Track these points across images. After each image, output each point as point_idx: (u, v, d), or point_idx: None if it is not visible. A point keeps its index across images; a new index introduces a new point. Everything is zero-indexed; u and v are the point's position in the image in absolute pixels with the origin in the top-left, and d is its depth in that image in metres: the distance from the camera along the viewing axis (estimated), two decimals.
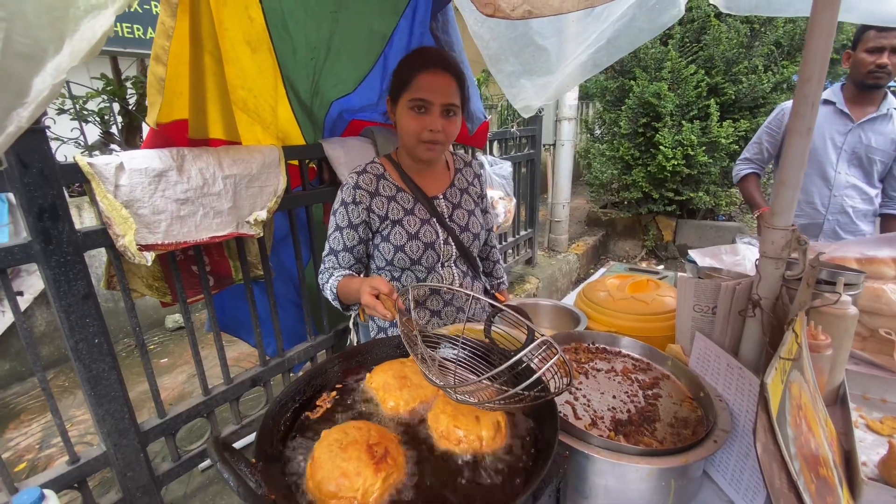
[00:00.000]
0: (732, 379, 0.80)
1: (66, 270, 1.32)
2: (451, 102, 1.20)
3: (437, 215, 1.34)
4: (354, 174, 1.33)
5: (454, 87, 1.20)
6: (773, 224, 0.80)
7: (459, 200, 1.41)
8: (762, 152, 2.21)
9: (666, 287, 1.34)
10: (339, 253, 1.32)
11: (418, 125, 1.19)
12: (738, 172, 2.31)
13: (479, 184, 1.49)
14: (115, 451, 1.50)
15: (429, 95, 1.17)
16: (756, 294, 0.79)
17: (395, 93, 1.23)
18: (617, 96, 5.15)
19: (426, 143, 1.21)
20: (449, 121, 1.22)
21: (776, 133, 2.14)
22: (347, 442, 0.60)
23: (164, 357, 3.02)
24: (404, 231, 1.30)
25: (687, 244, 5.40)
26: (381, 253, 1.33)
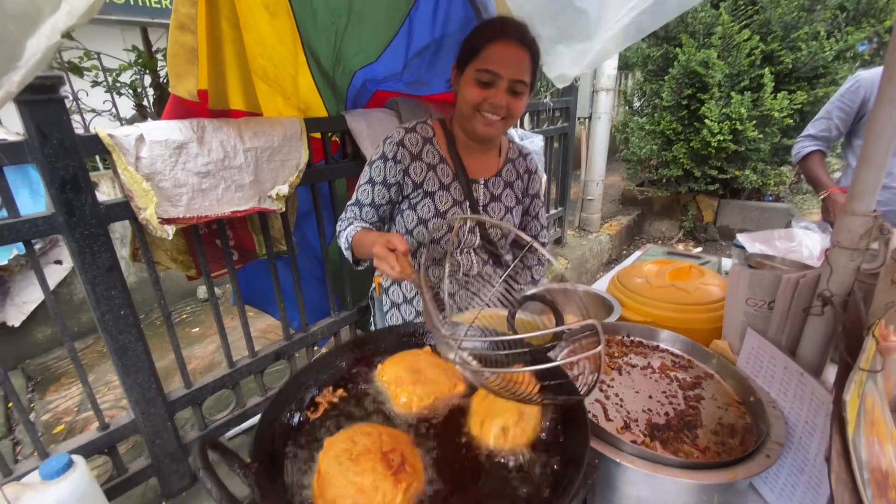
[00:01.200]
0: (790, 384, 0.71)
1: (90, 242, 1.32)
2: (521, 79, 1.10)
3: (472, 200, 1.26)
4: (402, 129, 1.26)
5: (527, 62, 1.11)
6: (852, 209, 0.69)
7: (500, 193, 1.32)
8: (830, 129, 1.97)
9: (710, 274, 1.22)
10: (364, 206, 1.27)
11: (480, 97, 1.11)
12: (801, 150, 2.07)
13: (530, 182, 1.38)
14: (144, 420, 1.54)
15: (497, 67, 1.08)
16: (827, 289, 0.68)
17: (463, 61, 1.15)
18: (660, 65, 4.82)
19: (484, 115, 1.13)
20: (515, 98, 1.13)
21: (849, 108, 1.90)
22: (358, 452, 0.53)
23: (196, 327, 3.11)
24: (433, 206, 1.24)
25: (729, 226, 5.11)
26: (403, 220, 1.28)
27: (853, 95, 1.89)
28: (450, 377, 0.71)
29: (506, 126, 1.18)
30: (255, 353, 1.84)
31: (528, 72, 1.12)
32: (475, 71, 1.10)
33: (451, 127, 1.28)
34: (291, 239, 1.85)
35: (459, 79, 1.16)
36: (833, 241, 0.72)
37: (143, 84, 3.55)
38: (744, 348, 0.81)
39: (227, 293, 3.49)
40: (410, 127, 1.26)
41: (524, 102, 1.16)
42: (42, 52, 0.66)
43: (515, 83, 1.10)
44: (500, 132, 1.21)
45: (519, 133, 3.07)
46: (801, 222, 1.53)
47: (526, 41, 1.11)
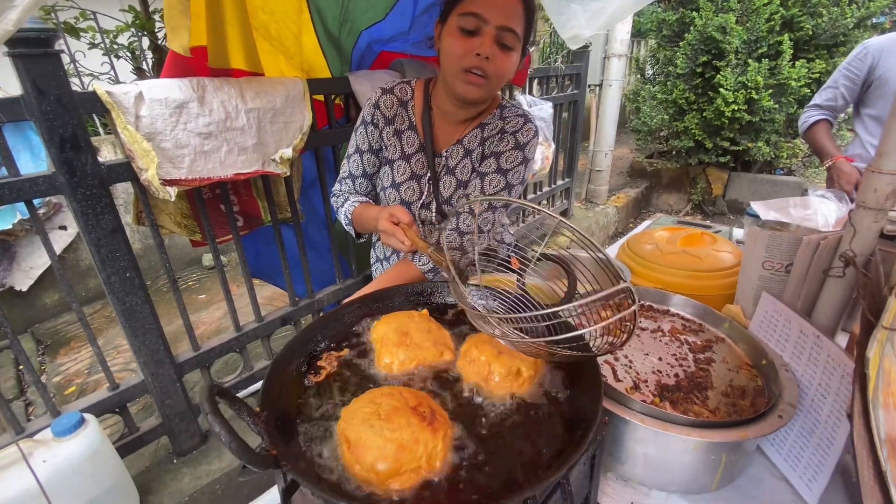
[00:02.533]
0: (805, 347, 0.69)
1: (92, 203, 1.31)
2: (510, 27, 0.95)
3: (435, 175, 1.16)
4: (380, 90, 1.17)
5: (519, 8, 0.96)
6: (879, 167, 0.66)
7: (457, 164, 1.15)
8: (837, 99, 1.92)
9: (723, 241, 1.20)
10: (356, 178, 1.22)
11: (463, 48, 0.95)
12: (807, 119, 2.02)
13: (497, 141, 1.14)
14: (153, 380, 1.56)
15: (483, 10, 0.92)
16: (850, 250, 0.66)
17: (446, 10, 1.00)
18: (675, 31, 4.64)
19: (468, 73, 0.97)
20: (503, 52, 0.97)
21: (856, 77, 1.84)
22: (387, 411, 0.52)
23: (202, 294, 3.13)
24: (391, 175, 1.18)
25: (738, 199, 5.03)
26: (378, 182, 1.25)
27: (860, 63, 1.82)
28: (437, 344, 0.69)
29: (491, 87, 1.02)
30: (261, 317, 1.85)
31: (520, 23, 0.97)
32: (458, 16, 0.95)
33: (433, 90, 1.15)
34: (296, 205, 1.83)
35: (441, 31, 1.02)
36: (857, 201, 0.69)
37: (142, 47, 3.45)
38: (757, 312, 0.80)
39: (231, 261, 3.50)
40: (389, 87, 1.18)
41: (513, 62, 1.00)
42: None
43: (504, 32, 0.94)
44: (484, 94, 1.03)
45: (527, 100, 2.99)
46: (818, 191, 1.49)
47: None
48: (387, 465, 0.48)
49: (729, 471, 0.67)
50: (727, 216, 5.08)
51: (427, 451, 0.50)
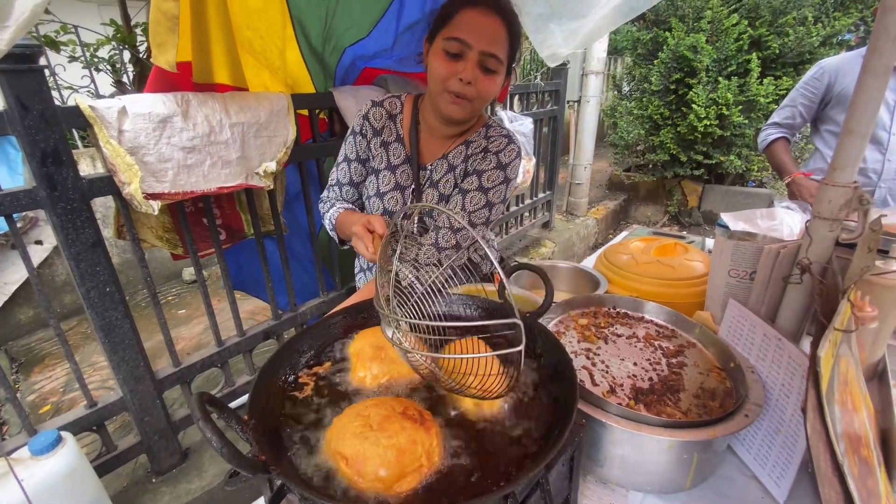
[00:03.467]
0: (768, 350, 0.74)
1: (73, 218, 1.30)
2: (493, 53, 0.99)
3: (419, 188, 1.19)
4: (371, 102, 1.22)
5: (502, 34, 1.00)
6: (834, 180, 0.71)
7: (441, 178, 1.17)
8: (795, 117, 2.02)
9: (694, 251, 1.25)
10: (343, 185, 1.26)
11: (447, 70, 1.00)
12: (766, 137, 2.12)
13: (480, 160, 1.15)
14: (132, 397, 1.53)
15: (467, 36, 0.97)
16: (806, 258, 0.70)
17: (433, 30, 1.04)
18: (649, 49, 4.82)
19: (452, 94, 1.02)
20: (486, 76, 1.01)
21: (814, 95, 1.94)
22: (379, 420, 0.53)
23: (182, 308, 3.08)
24: (375, 185, 1.21)
25: (713, 210, 5.19)
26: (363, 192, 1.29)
27: (817, 83, 1.92)
28: None
29: (474, 108, 1.06)
30: (243, 332, 1.83)
31: (504, 48, 1.01)
32: (444, 40, 0.99)
33: (421, 105, 1.19)
34: (280, 218, 1.83)
35: (429, 51, 1.06)
36: (813, 212, 0.74)
37: (123, 60, 3.43)
38: (725, 317, 0.84)
39: (212, 275, 3.45)
40: (379, 101, 1.22)
41: (496, 84, 1.04)
42: (30, 10, 0.64)
43: (487, 57, 0.98)
44: (468, 115, 1.08)
45: (508, 115, 3.06)
46: (783, 202, 1.57)
47: (503, 11, 1.00)
48: (390, 471, 0.49)
49: (701, 470, 0.71)
50: (703, 227, 5.23)
51: (426, 450, 0.51)
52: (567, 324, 0.91)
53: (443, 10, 1.04)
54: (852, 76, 1.84)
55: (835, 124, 1.92)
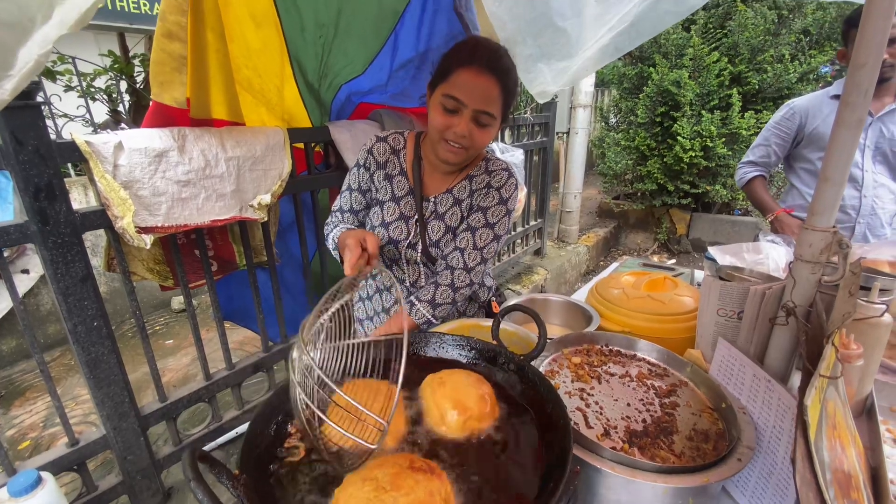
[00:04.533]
0: (759, 391, 0.74)
1: (63, 252, 1.29)
2: (486, 110, 1.06)
3: (422, 218, 1.24)
4: (375, 137, 1.28)
5: (496, 93, 1.06)
6: (813, 224, 0.73)
7: (446, 211, 1.24)
8: (769, 156, 2.07)
9: (684, 286, 1.27)
10: (344, 212, 1.31)
11: (443, 124, 1.08)
12: (743, 176, 2.17)
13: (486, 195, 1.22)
14: (115, 435, 1.49)
15: (462, 96, 1.04)
16: (791, 301, 0.72)
17: (434, 82, 1.12)
18: (635, 83, 5.00)
19: (448, 143, 1.10)
20: (480, 129, 1.09)
21: (786, 135, 2.00)
22: (390, 480, 0.52)
23: (170, 339, 3.02)
24: (381, 215, 1.26)
25: (701, 238, 5.29)
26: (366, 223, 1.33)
27: (789, 122, 1.99)
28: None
29: (469, 154, 1.14)
30: (232, 365, 1.80)
31: (497, 104, 1.08)
32: (441, 95, 1.07)
33: (423, 142, 1.26)
34: (272, 249, 1.83)
35: (430, 99, 1.14)
36: (795, 254, 0.76)
37: (119, 90, 3.48)
38: (715, 357, 0.85)
39: (201, 303, 3.41)
40: (383, 136, 1.28)
41: (490, 134, 1.12)
42: (34, 60, 0.66)
43: (480, 114, 1.06)
44: (463, 160, 1.15)
45: (500, 146, 3.13)
46: (768, 236, 1.61)
47: (497, 70, 1.05)
48: None
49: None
50: (692, 254, 5.31)
51: (443, 498, 0.51)
52: (561, 362, 0.91)
53: (442, 65, 1.11)
54: (821, 116, 1.91)
55: (808, 162, 1.98)
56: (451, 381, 0.67)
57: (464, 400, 0.61)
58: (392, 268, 1.33)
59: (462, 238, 1.21)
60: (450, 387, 0.64)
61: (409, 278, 1.32)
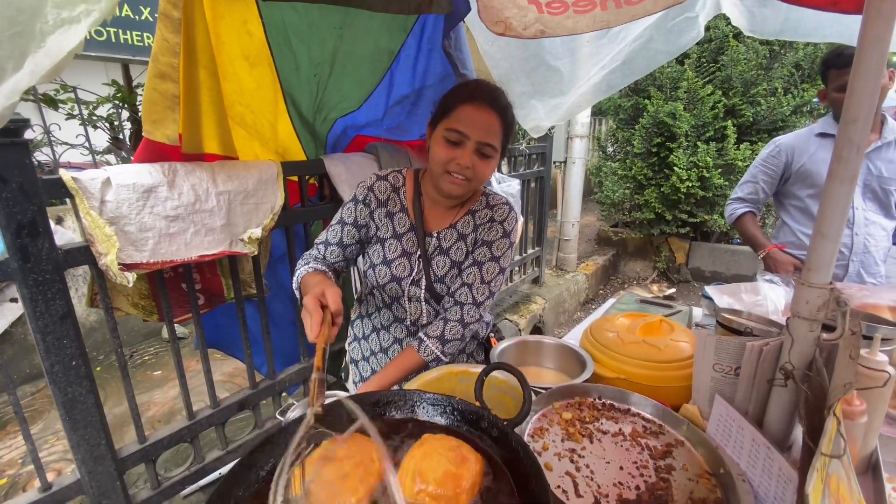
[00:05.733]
0: (758, 457, 0.70)
1: (43, 290, 1.26)
2: (489, 142, 1.10)
3: (424, 252, 1.23)
4: (375, 176, 1.28)
5: (497, 126, 1.11)
6: (809, 281, 0.71)
7: (450, 246, 1.25)
8: (758, 192, 2.06)
9: (680, 330, 1.23)
10: (330, 245, 1.25)
11: (447, 156, 1.11)
12: (733, 212, 2.16)
13: (491, 230, 1.24)
14: (90, 479, 1.43)
15: (465, 128, 1.08)
16: (789, 363, 0.69)
17: (435, 119, 1.16)
18: (631, 115, 5.07)
19: (451, 175, 1.13)
20: (482, 161, 1.13)
21: (773, 172, 2.00)
22: None
23: (158, 369, 2.96)
24: (382, 253, 1.24)
25: (700, 267, 5.26)
26: (364, 260, 1.29)
27: (775, 160, 1.99)
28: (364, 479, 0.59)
29: (472, 186, 1.17)
30: (217, 403, 1.74)
31: (498, 137, 1.12)
32: (444, 129, 1.11)
33: (422, 179, 1.28)
34: (262, 282, 1.80)
35: (432, 136, 1.17)
36: (792, 310, 0.73)
37: (120, 118, 3.52)
38: (712, 416, 0.81)
39: (191, 333, 3.35)
40: (384, 175, 1.28)
41: (492, 166, 1.16)
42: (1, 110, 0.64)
43: (483, 146, 1.10)
44: (466, 192, 1.18)
45: (497, 176, 3.14)
46: (766, 275, 1.58)
47: (498, 106, 1.11)
48: None
49: None
50: (691, 283, 5.27)
51: None
52: (551, 418, 0.87)
53: (444, 103, 1.14)
54: (808, 154, 1.91)
55: (798, 199, 1.96)
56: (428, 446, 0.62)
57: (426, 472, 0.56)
58: (392, 306, 1.30)
59: (469, 273, 1.22)
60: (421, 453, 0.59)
61: (411, 316, 1.28)
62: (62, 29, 0.72)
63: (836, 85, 1.75)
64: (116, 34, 3.26)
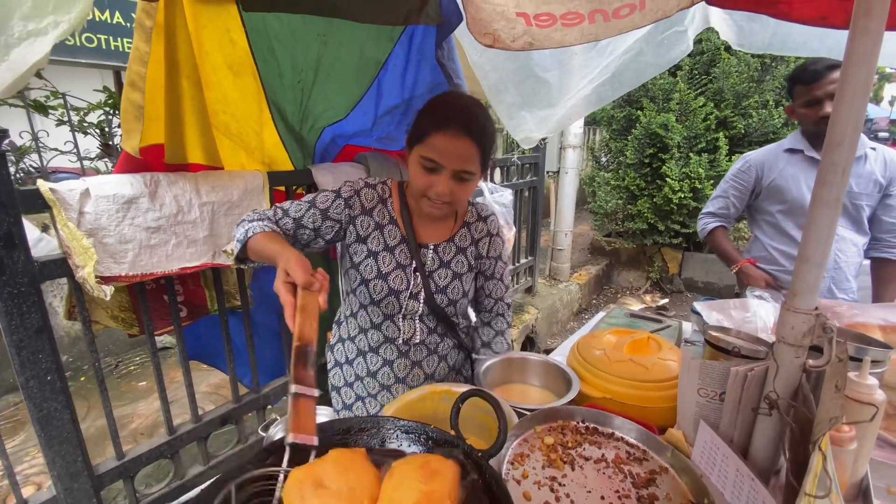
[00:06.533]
0: (743, 489, 0.68)
1: (18, 303, 1.23)
2: (465, 169, 1.08)
3: (419, 265, 1.20)
4: (363, 181, 1.24)
5: (473, 152, 1.07)
6: (795, 306, 0.69)
7: (451, 259, 1.26)
8: (729, 207, 2.05)
9: (668, 348, 1.21)
10: (288, 216, 1.15)
11: (424, 183, 1.09)
12: (705, 226, 2.15)
13: (490, 245, 1.31)
14: (66, 495, 1.38)
15: (440, 158, 1.06)
16: (774, 392, 0.67)
17: (412, 140, 1.13)
18: (624, 125, 5.09)
19: (430, 200, 1.12)
20: (460, 185, 1.11)
21: (743, 188, 1.99)
22: None
23: (144, 380, 2.90)
24: (375, 267, 1.19)
25: (693, 278, 5.26)
26: (349, 279, 1.25)
27: (745, 176, 1.97)
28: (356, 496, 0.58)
29: (453, 208, 1.18)
30: (199, 417, 1.71)
31: (475, 161, 1.09)
32: (419, 157, 1.08)
33: (407, 191, 1.25)
34: (247, 293, 1.77)
35: (409, 154, 1.15)
36: (777, 336, 0.71)
37: (111, 125, 3.49)
38: (697, 442, 0.79)
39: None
40: (372, 183, 1.25)
41: (472, 188, 1.15)
42: None
43: (460, 173, 1.08)
44: (448, 213, 1.20)
45: (489, 186, 3.13)
46: (755, 291, 1.57)
47: (472, 132, 1.05)
48: None
49: None
50: (684, 293, 5.27)
51: None
52: (532, 443, 0.84)
53: (419, 125, 1.09)
54: (777, 170, 1.89)
55: (769, 214, 1.95)
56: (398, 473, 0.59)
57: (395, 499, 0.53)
58: (383, 325, 1.24)
59: (496, 288, 1.37)
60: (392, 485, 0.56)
61: (404, 335, 1.23)
62: (27, 42, 0.70)
63: (803, 101, 1.75)
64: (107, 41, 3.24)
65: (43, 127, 3.21)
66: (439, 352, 1.31)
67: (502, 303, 1.39)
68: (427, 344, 1.27)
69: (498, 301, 1.38)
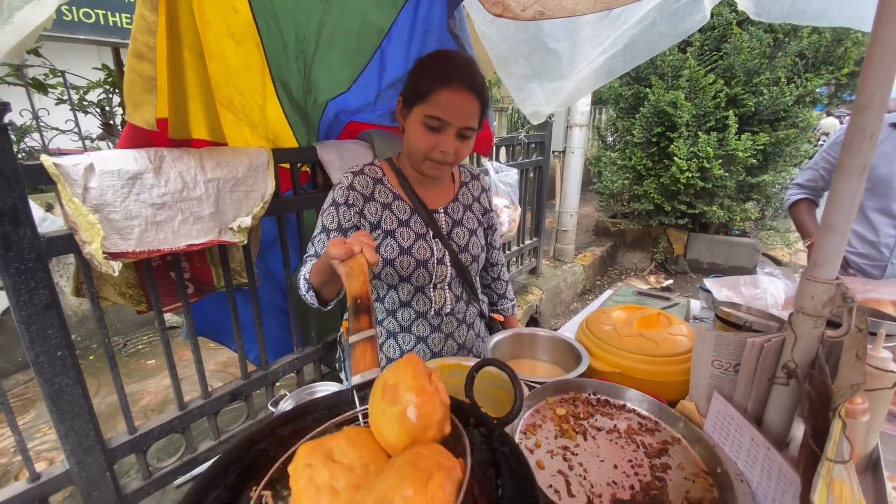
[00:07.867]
0: (758, 456, 0.68)
1: (26, 279, 1.23)
2: (470, 126, 1.10)
3: (436, 230, 1.24)
4: (350, 174, 1.23)
5: (476, 108, 1.10)
6: (815, 275, 0.68)
7: (462, 217, 1.31)
8: (817, 180, 1.95)
9: (678, 322, 1.21)
10: (318, 253, 1.20)
11: (429, 143, 1.09)
12: (790, 197, 2.04)
13: (487, 199, 1.41)
14: (79, 470, 1.41)
15: (447, 116, 1.06)
16: (792, 361, 0.66)
17: (410, 100, 1.12)
18: (631, 104, 5.00)
19: (434, 162, 1.13)
20: (463, 143, 1.13)
21: (835, 160, 1.84)
22: None
23: (153, 358, 2.93)
24: (396, 244, 1.20)
25: (698, 259, 5.24)
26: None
27: (839, 148, 1.89)
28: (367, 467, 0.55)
29: (452, 168, 1.23)
30: (208, 393, 1.72)
31: (477, 117, 1.12)
32: (424, 116, 1.07)
33: (400, 164, 1.26)
34: (253, 271, 1.77)
35: (406, 115, 1.14)
36: (796, 306, 0.70)
37: (111, 103, 3.45)
38: (710, 413, 0.79)
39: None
40: (358, 170, 1.24)
41: (471, 145, 1.17)
42: None
43: (464, 129, 1.10)
44: (448, 173, 1.26)
45: (494, 166, 3.09)
46: (766, 268, 1.55)
47: (475, 87, 1.08)
48: None
49: None
50: (689, 275, 5.25)
51: None
52: (544, 414, 0.84)
53: (418, 83, 1.09)
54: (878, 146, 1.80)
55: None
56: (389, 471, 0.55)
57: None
58: (412, 301, 1.25)
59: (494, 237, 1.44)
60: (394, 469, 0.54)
61: (436, 304, 1.26)
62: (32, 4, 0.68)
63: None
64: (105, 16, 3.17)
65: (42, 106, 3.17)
66: (467, 320, 1.34)
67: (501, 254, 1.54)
68: (455, 314, 1.29)
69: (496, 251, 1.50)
